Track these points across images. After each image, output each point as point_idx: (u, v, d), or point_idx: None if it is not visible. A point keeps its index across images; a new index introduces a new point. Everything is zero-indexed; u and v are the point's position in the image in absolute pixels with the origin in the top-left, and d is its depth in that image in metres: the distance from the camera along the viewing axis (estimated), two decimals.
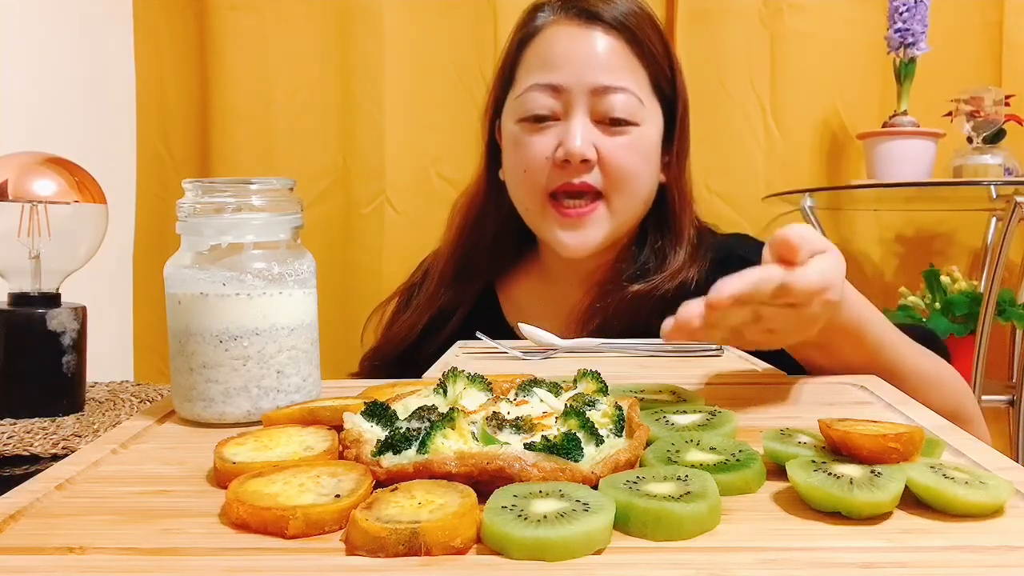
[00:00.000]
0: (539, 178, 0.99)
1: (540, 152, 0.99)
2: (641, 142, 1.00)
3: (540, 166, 0.99)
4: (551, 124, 0.99)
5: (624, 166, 0.99)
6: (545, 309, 1.10)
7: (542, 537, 0.35)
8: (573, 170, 0.97)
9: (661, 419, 0.53)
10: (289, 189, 0.61)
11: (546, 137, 0.99)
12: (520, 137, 1.01)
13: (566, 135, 0.97)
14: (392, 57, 1.80)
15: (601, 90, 0.97)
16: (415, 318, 1.11)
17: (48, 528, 0.40)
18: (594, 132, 0.98)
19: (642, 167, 1.01)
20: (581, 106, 0.98)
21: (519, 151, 1.01)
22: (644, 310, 0.99)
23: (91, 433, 0.85)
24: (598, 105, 0.98)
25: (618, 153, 0.98)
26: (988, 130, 1.66)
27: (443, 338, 1.06)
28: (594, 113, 0.98)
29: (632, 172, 0.99)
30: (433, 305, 1.10)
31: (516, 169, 1.02)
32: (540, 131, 0.99)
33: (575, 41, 0.99)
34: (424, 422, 0.48)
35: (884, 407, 0.61)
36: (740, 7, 1.79)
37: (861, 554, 0.36)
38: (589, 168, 0.98)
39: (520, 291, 1.14)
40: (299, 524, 0.38)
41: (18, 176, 0.96)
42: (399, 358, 1.11)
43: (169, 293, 0.60)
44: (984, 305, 1.53)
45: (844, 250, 2.08)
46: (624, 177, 0.99)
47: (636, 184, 1.00)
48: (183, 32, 1.85)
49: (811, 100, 1.80)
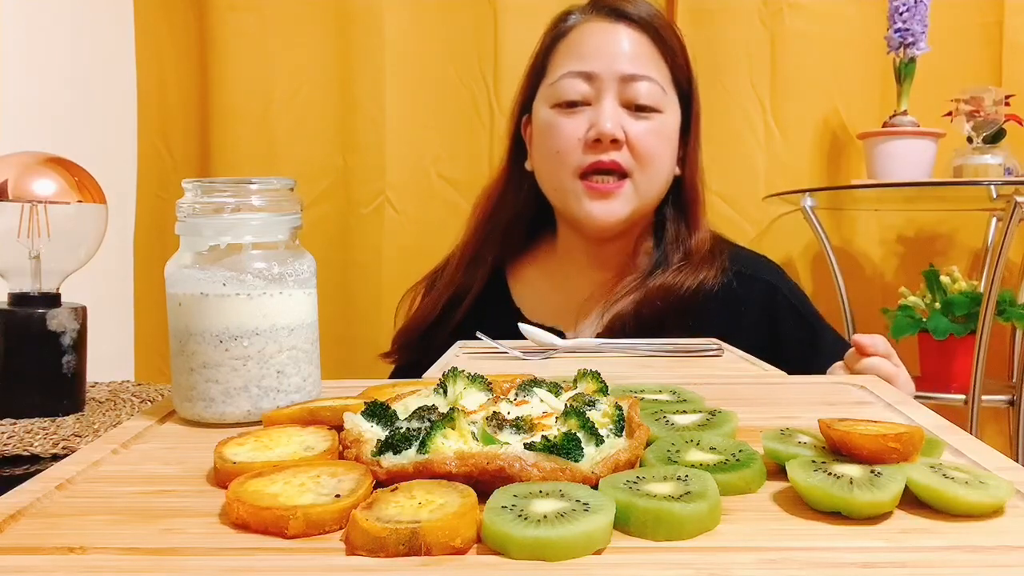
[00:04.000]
0: (571, 157, 1.08)
1: (572, 133, 1.07)
2: (664, 128, 1.10)
3: (573, 146, 1.07)
4: (583, 109, 1.08)
5: (649, 147, 1.08)
6: (555, 293, 1.17)
7: (542, 537, 0.35)
8: (603, 149, 1.06)
9: (661, 419, 0.53)
10: (289, 189, 0.61)
11: (578, 120, 1.08)
12: (553, 120, 1.09)
13: (597, 117, 1.06)
14: (392, 57, 1.80)
15: (629, 78, 1.07)
16: (436, 298, 1.19)
17: (48, 528, 0.40)
18: (622, 115, 1.07)
19: (664, 151, 1.10)
20: (611, 92, 1.07)
21: (552, 133, 1.09)
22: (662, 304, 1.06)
23: (91, 433, 0.85)
24: (626, 91, 1.07)
25: (643, 135, 1.07)
26: (988, 130, 1.66)
27: (456, 319, 1.15)
28: (622, 99, 1.07)
29: (655, 154, 1.09)
30: (451, 287, 1.19)
31: (549, 150, 1.10)
32: (573, 115, 1.08)
33: (605, 35, 1.10)
34: (424, 422, 0.48)
35: (884, 407, 0.61)
36: (740, 7, 1.78)
37: (861, 554, 0.36)
38: (618, 147, 1.06)
39: (531, 276, 1.20)
40: (299, 524, 0.38)
41: (18, 176, 0.96)
42: (423, 336, 1.19)
43: (169, 293, 0.60)
44: (984, 305, 1.53)
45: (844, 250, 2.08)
46: (648, 157, 1.08)
47: (658, 165, 1.09)
48: (183, 32, 1.85)
49: (811, 100, 1.80)
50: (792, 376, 0.74)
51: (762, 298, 1.10)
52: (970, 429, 1.52)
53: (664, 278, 1.08)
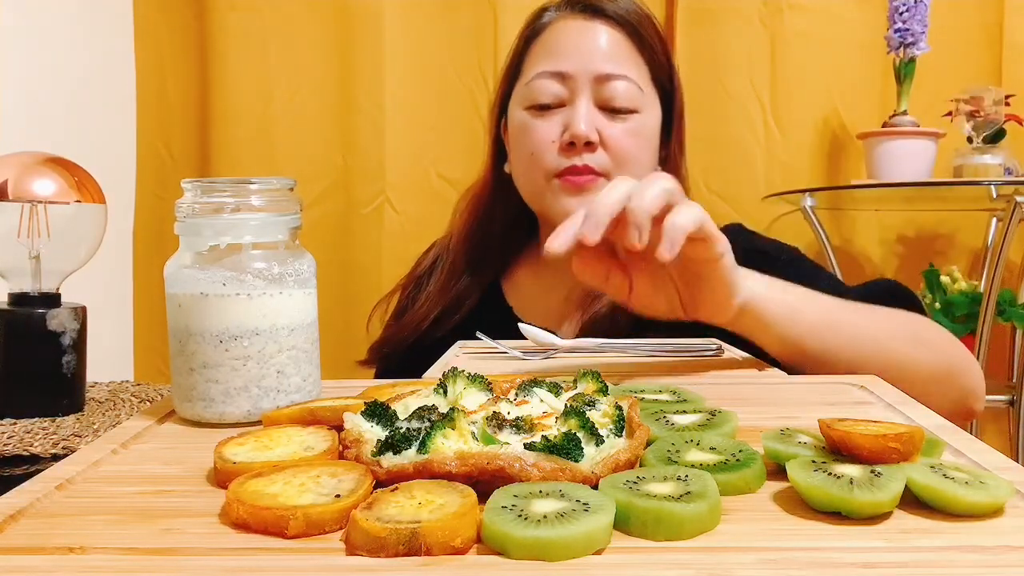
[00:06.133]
0: (545, 161, 1.04)
1: (546, 136, 1.04)
2: (642, 129, 1.06)
3: (546, 149, 1.04)
4: (557, 110, 1.05)
5: (625, 149, 1.04)
6: (548, 297, 1.13)
7: (542, 537, 0.35)
8: (577, 152, 1.03)
9: (661, 419, 0.53)
10: (289, 189, 0.61)
11: (552, 122, 1.04)
12: (527, 123, 1.06)
13: (571, 119, 1.02)
14: (392, 57, 1.80)
15: (604, 77, 1.03)
16: (427, 308, 1.15)
17: (48, 528, 0.40)
18: (598, 117, 1.03)
19: (642, 151, 1.06)
20: (585, 92, 1.03)
21: (526, 136, 1.06)
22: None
23: (91, 433, 0.85)
24: (601, 91, 1.03)
25: (619, 137, 1.04)
26: (988, 130, 1.66)
27: (450, 327, 1.11)
28: (597, 99, 1.04)
29: (632, 155, 1.05)
30: (445, 296, 1.15)
31: (523, 153, 1.07)
32: (546, 116, 1.05)
33: (580, 33, 1.05)
34: (424, 422, 0.48)
35: (884, 407, 0.61)
36: (740, 7, 1.79)
37: (861, 554, 0.35)
38: (592, 150, 1.03)
39: (520, 277, 1.18)
40: (299, 524, 0.38)
41: (18, 176, 0.95)
42: (409, 347, 1.14)
43: (169, 293, 0.60)
44: (984, 305, 1.53)
45: (844, 250, 2.08)
46: (625, 159, 1.04)
47: (636, 167, 1.05)
48: (183, 32, 1.85)
49: (811, 100, 1.80)
50: (792, 376, 0.74)
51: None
52: (970, 429, 1.52)
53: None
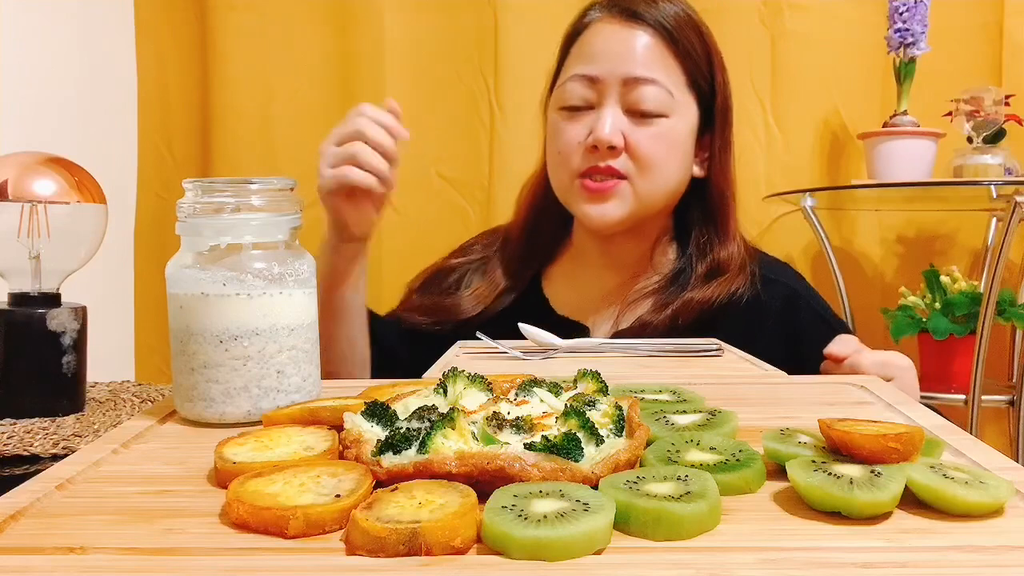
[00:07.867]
0: (571, 161, 1.08)
1: (573, 138, 1.07)
2: (670, 133, 1.07)
3: (573, 150, 1.07)
4: (586, 112, 1.07)
5: (649, 154, 1.06)
6: (583, 292, 1.17)
7: (542, 537, 0.35)
8: (600, 155, 1.05)
9: (661, 419, 0.53)
10: (289, 189, 0.61)
11: (579, 124, 1.07)
12: (558, 124, 1.10)
13: (596, 123, 1.05)
14: (392, 57, 1.80)
15: (632, 81, 1.05)
16: (486, 292, 1.17)
17: (48, 528, 0.40)
18: (624, 121, 1.05)
19: (668, 156, 1.08)
20: (613, 96, 1.06)
21: (556, 136, 1.10)
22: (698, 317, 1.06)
23: (91, 433, 0.85)
24: (629, 95, 1.05)
25: (645, 142, 1.05)
26: (988, 130, 1.66)
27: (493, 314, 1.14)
28: (625, 103, 1.06)
29: (657, 160, 1.06)
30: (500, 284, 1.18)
31: (552, 152, 1.12)
32: (575, 119, 1.08)
33: (615, 37, 1.08)
34: (424, 422, 0.48)
35: (884, 407, 0.61)
36: (740, 7, 1.79)
37: (861, 554, 0.36)
38: (616, 154, 1.05)
39: (561, 273, 1.20)
40: (299, 524, 0.38)
41: (18, 176, 0.96)
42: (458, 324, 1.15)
43: (170, 293, 0.60)
44: (984, 305, 1.53)
45: (844, 250, 2.08)
46: (649, 164, 1.06)
47: (660, 171, 1.07)
48: (184, 32, 1.85)
49: (811, 100, 1.80)
50: (792, 376, 0.74)
51: (784, 302, 1.09)
52: (970, 429, 1.52)
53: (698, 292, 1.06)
